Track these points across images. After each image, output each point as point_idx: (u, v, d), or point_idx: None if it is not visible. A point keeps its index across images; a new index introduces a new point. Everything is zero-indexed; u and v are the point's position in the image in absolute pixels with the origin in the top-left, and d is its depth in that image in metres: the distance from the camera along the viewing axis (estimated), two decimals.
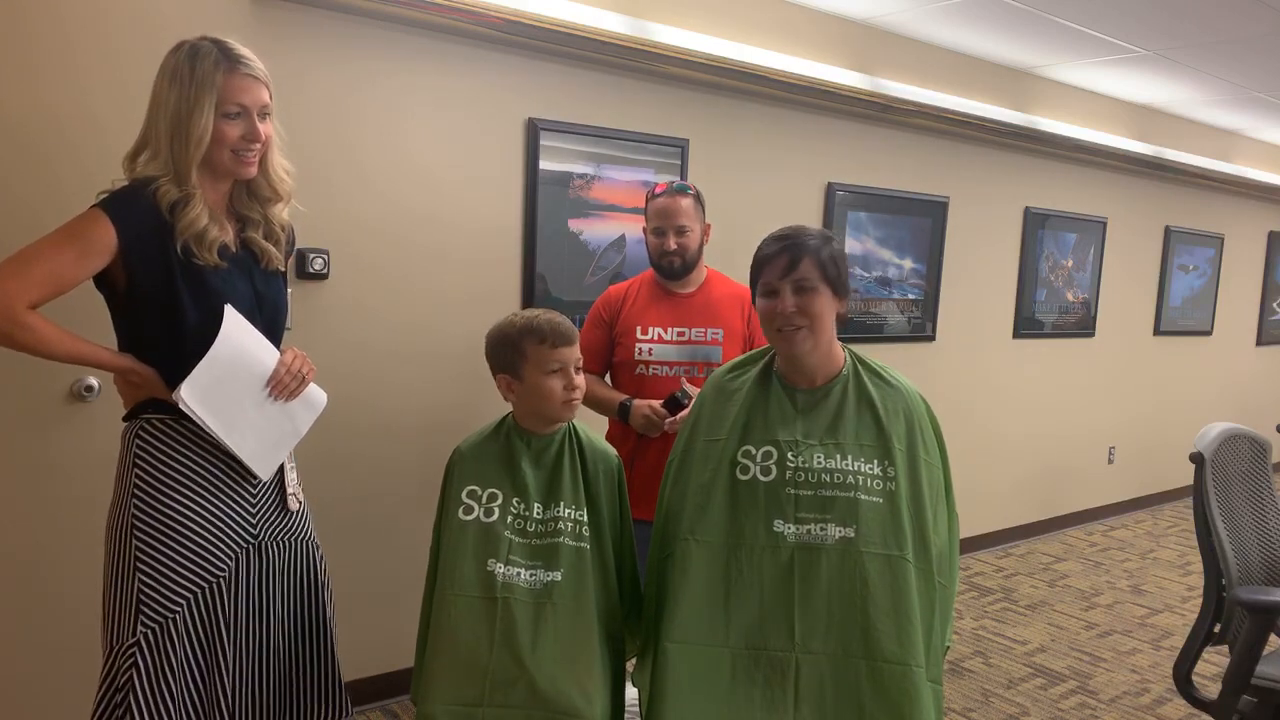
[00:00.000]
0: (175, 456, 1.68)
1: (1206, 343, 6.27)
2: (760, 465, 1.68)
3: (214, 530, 1.69)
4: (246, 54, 1.68)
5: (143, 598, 1.63)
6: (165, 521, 1.65)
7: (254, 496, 1.77)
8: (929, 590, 1.63)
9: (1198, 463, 2.42)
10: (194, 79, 1.62)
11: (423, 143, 2.83)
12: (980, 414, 4.77)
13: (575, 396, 1.79)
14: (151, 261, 1.62)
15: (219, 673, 1.70)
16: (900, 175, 4.19)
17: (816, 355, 1.70)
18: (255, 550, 1.76)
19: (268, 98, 1.70)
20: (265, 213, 1.78)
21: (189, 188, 1.63)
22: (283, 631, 1.81)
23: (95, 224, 1.58)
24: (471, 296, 2.99)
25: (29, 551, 2.34)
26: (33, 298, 1.55)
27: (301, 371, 1.78)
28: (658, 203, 2.50)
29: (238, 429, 1.69)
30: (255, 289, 1.76)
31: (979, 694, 3.19)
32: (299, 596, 1.85)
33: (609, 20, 3.02)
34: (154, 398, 1.69)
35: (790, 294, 1.66)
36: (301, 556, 1.85)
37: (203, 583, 1.68)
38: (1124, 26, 3.77)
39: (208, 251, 1.65)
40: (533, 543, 1.73)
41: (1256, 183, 6.02)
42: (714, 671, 1.59)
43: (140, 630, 1.63)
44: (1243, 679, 2.22)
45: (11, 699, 2.35)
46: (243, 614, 1.74)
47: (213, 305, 1.66)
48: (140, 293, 1.64)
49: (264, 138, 1.69)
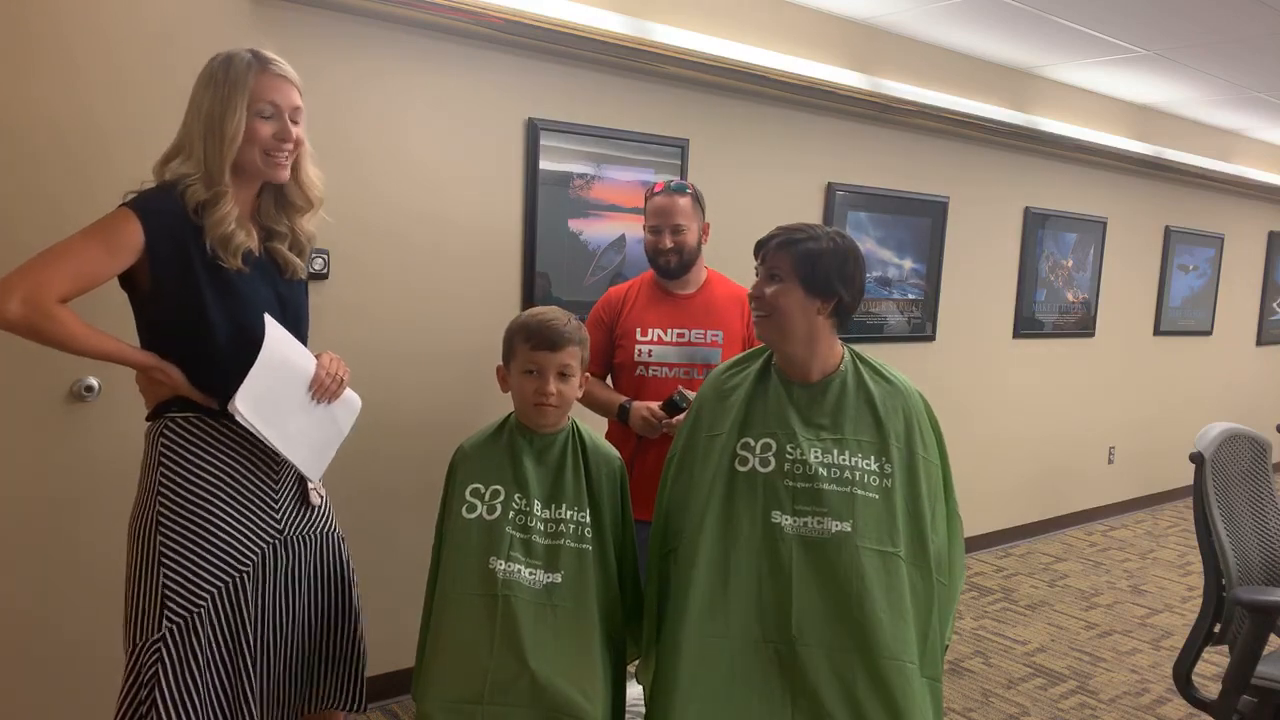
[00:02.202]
0: (200, 454, 1.70)
1: (1206, 343, 6.27)
2: (759, 457, 1.69)
3: (239, 525, 1.72)
4: (279, 59, 1.72)
5: (168, 593, 1.65)
6: (190, 517, 1.67)
7: (278, 491, 1.79)
8: (927, 588, 1.64)
9: (1198, 463, 2.42)
10: (228, 80, 1.65)
11: (423, 143, 2.83)
12: (980, 414, 4.78)
13: (543, 401, 1.76)
14: (176, 261, 1.64)
15: (244, 666, 1.72)
16: (900, 175, 4.19)
17: (791, 348, 1.73)
18: (281, 545, 1.78)
19: (299, 100, 1.73)
20: (292, 224, 1.81)
21: (219, 187, 1.66)
22: (308, 624, 1.84)
23: (123, 222, 1.61)
24: (471, 297, 2.99)
25: (29, 551, 2.34)
26: (61, 292, 1.58)
27: (339, 374, 1.83)
28: (655, 201, 2.50)
29: (290, 436, 1.74)
30: (278, 293, 1.78)
31: (979, 694, 3.19)
32: (324, 589, 1.88)
33: (609, 20, 3.02)
34: (177, 396, 1.70)
35: (760, 281, 1.74)
36: (327, 550, 1.88)
37: (227, 577, 1.70)
38: (1124, 26, 3.77)
39: (233, 255, 1.67)
40: (534, 540, 1.73)
41: (1256, 183, 6.02)
42: (714, 662, 1.60)
43: (165, 625, 1.64)
44: (1243, 679, 2.22)
45: (11, 699, 2.35)
46: (268, 608, 1.76)
47: (235, 307, 1.69)
48: (164, 292, 1.66)
49: (295, 137, 1.72)
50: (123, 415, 2.42)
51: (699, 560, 1.65)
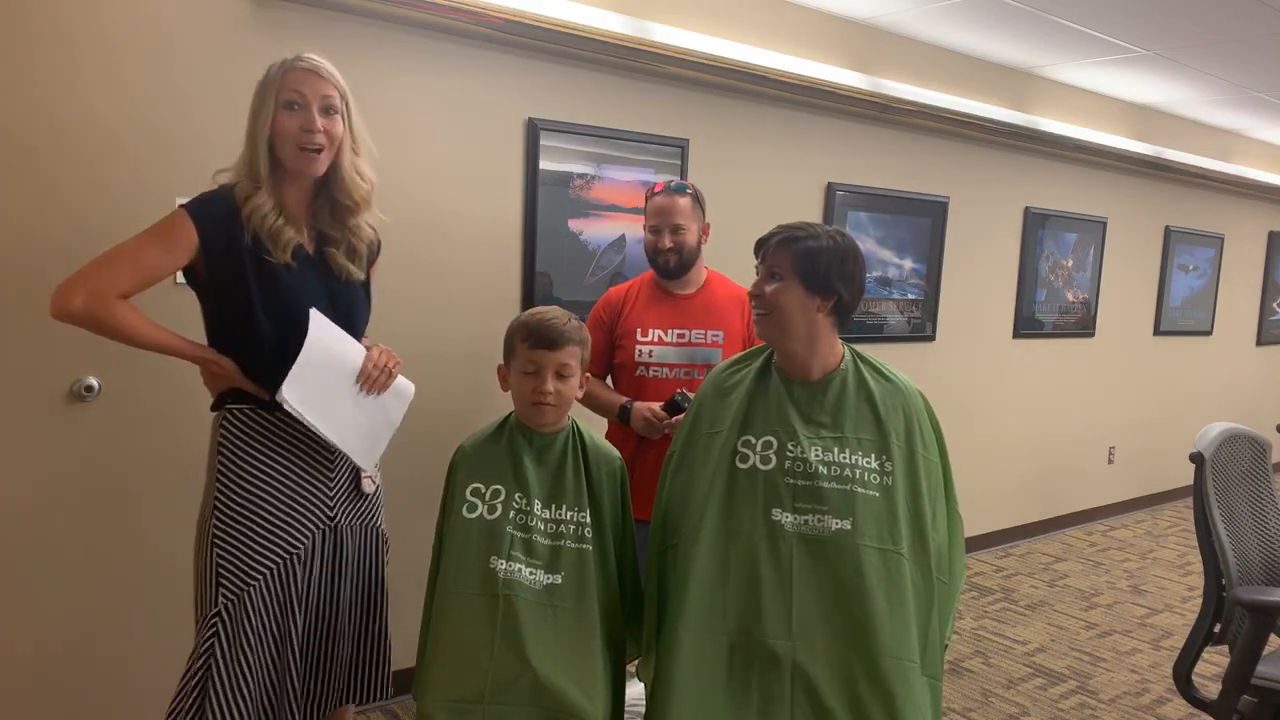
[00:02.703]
0: (255, 443, 1.80)
1: (1206, 343, 6.27)
2: (760, 455, 1.69)
3: (291, 509, 1.82)
4: (315, 56, 1.78)
5: (221, 572, 1.76)
6: (242, 501, 1.77)
7: (331, 480, 1.88)
8: (927, 586, 1.64)
9: (1198, 463, 2.42)
10: (265, 81, 1.77)
11: (423, 143, 2.83)
12: (980, 414, 4.78)
13: (541, 401, 1.76)
14: (226, 256, 1.74)
15: (291, 643, 1.82)
16: (900, 175, 4.19)
17: (791, 346, 1.73)
18: (332, 531, 1.88)
19: (331, 91, 1.78)
20: (347, 226, 1.87)
21: (257, 182, 1.76)
22: (349, 611, 1.93)
23: (179, 223, 1.72)
24: (471, 296, 2.99)
25: (29, 551, 2.34)
26: (123, 288, 1.68)
27: (388, 366, 1.90)
28: (655, 201, 2.50)
29: (340, 425, 1.81)
30: (329, 289, 1.85)
31: (979, 694, 3.19)
32: (364, 580, 1.96)
33: (609, 20, 3.02)
34: (235, 388, 1.80)
35: (760, 279, 1.74)
36: (371, 543, 1.98)
37: (277, 559, 1.80)
38: (1124, 26, 3.77)
39: (281, 250, 1.76)
40: (535, 539, 1.73)
41: (1256, 183, 6.02)
42: (713, 658, 1.60)
43: (221, 601, 1.76)
44: (1243, 679, 2.22)
45: (10, 699, 2.35)
46: (314, 590, 1.86)
47: (281, 301, 1.77)
48: (218, 287, 1.77)
49: (321, 128, 1.76)
50: (123, 415, 2.42)
51: (698, 557, 1.65)
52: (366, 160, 1.87)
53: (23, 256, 2.26)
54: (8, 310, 2.25)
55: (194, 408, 2.51)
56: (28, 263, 2.26)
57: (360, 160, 1.85)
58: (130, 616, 2.48)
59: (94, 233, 2.32)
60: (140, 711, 2.52)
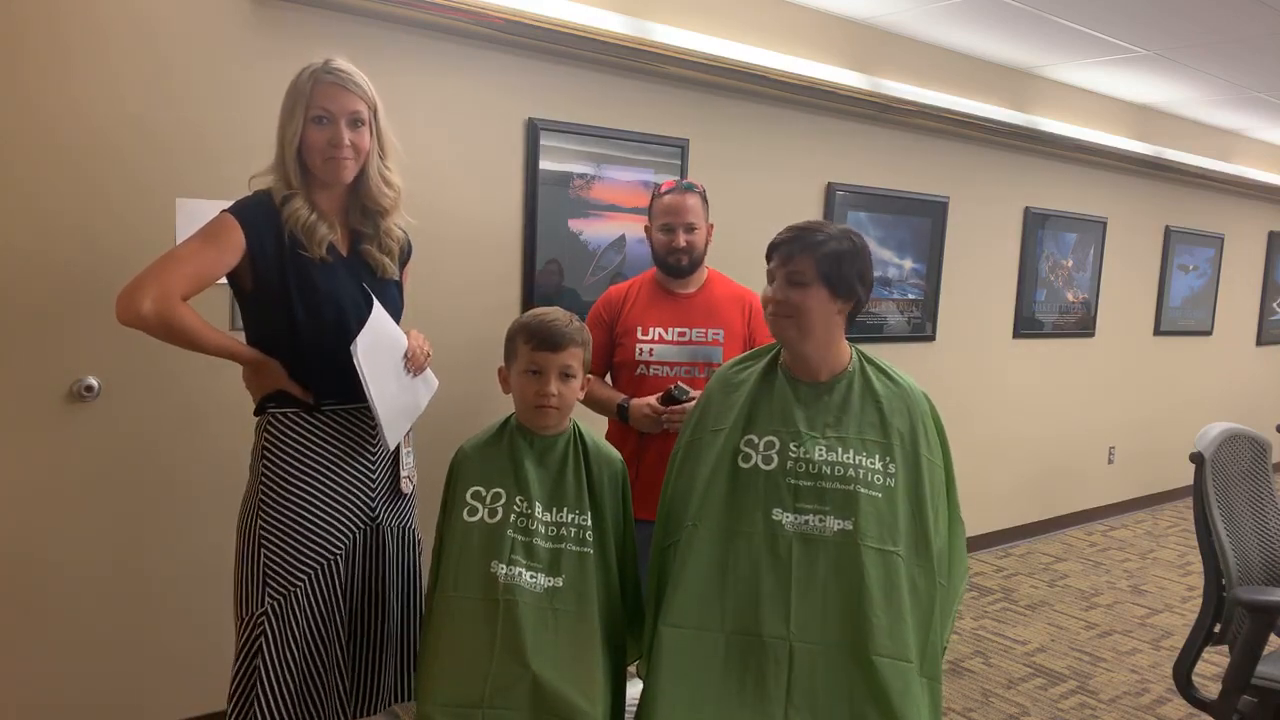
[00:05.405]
0: (298, 444, 1.83)
1: (1206, 343, 6.27)
2: (762, 454, 1.69)
3: (333, 510, 1.85)
4: (344, 67, 1.81)
5: (269, 572, 1.79)
6: (288, 504, 1.81)
7: (372, 479, 1.91)
8: (929, 587, 1.63)
9: (1198, 463, 2.42)
10: (293, 90, 1.80)
11: (423, 143, 2.83)
12: (980, 414, 4.78)
13: (544, 403, 1.76)
14: (270, 257, 1.78)
15: (336, 641, 1.86)
16: (900, 175, 4.19)
17: (808, 348, 1.72)
18: (372, 530, 1.91)
19: (358, 105, 1.81)
20: (378, 225, 1.92)
21: (292, 189, 1.81)
22: (387, 610, 1.95)
23: (229, 225, 1.76)
24: (471, 296, 2.99)
25: (29, 551, 2.34)
26: (184, 291, 1.72)
27: (426, 349, 1.98)
28: (666, 200, 2.49)
29: (383, 393, 1.85)
30: (364, 287, 1.88)
31: (979, 694, 3.19)
32: (401, 580, 1.98)
33: (609, 20, 3.02)
34: (278, 390, 1.83)
35: (783, 285, 1.70)
36: (407, 544, 2.01)
37: (322, 559, 1.83)
38: (1124, 26, 3.77)
39: (316, 246, 1.80)
40: (535, 543, 1.72)
41: (1256, 183, 6.02)
42: (707, 656, 1.60)
43: (268, 601, 1.79)
44: (1243, 679, 2.22)
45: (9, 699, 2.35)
46: (357, 589, 1.90)
47: (317, 298, 1.80)
48: (261, 286, 1.80)
49: (347, 143, 1.79)
50: (123, 415, 2.42)
51: (698, 554, 1.65)
52: (395, 166, 1.91)
53: (22, 257, 2.26)
54: (8, 310, 2.25)
55: (193, 408, 2.51)
56: (27, 263, 2.26)
57: (388, 167, 1.90)
58: (130, 616, 2.48)
59: (93, 233, 2.32)
60: (140, 711, 2.52)
